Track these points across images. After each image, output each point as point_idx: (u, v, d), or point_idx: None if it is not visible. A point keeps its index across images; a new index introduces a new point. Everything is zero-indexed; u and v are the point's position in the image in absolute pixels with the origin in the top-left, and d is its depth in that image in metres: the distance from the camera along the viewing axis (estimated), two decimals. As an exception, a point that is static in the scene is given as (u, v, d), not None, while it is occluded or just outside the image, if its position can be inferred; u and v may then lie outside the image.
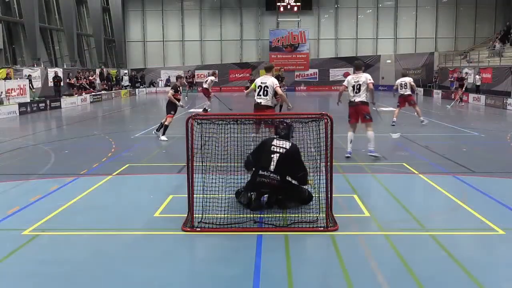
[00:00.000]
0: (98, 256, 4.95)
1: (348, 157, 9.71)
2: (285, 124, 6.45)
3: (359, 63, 10.07)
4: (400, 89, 15.09)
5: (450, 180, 8.03)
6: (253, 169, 6.33)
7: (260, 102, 9.39)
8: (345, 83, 9.85)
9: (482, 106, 24.33)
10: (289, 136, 6.41)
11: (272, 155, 6.12)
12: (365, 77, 9.53)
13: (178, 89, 12.91)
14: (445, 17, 40.05)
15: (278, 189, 6.20)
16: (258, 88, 9.42)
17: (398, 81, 15.33)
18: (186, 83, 32.68)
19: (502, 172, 8.67)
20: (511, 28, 32.61)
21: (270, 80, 9.39)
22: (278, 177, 6.06)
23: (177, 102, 12.65)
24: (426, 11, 40.25)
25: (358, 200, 6.72)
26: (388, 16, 40.37)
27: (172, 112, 12.66)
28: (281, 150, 6.15)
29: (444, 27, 40.16)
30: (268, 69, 9.67)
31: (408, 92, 15.00)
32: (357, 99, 9.51)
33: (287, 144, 6.24)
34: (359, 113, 9.62)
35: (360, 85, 9.48)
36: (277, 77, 12.00)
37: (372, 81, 9.59)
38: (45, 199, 6.94)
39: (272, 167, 6.08)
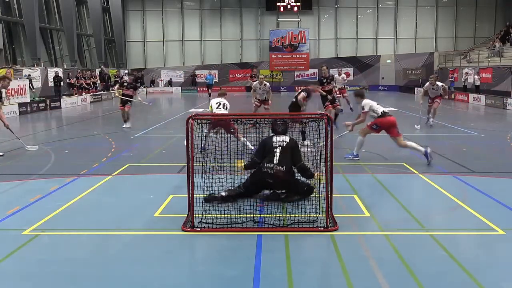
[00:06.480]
0: (98, 256, 4.95)
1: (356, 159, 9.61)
2: (281, 121, 6.86)
3: (361, 92, 9.92)
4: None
5: (450, 180, 8.02)
6: (257, 166, 6.59)
7: None
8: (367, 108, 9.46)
9: (482, 106, 24.32)
10: (286, 131, 6.82)
11: (275, 150, 6.44)
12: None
13: (124, 84, 15.43)
14: (445, 17, 40.05)
15: (282, 181, 6.36)
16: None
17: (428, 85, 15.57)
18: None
19: (502, 172, 8.67)
20: (511, 28, 32.60)
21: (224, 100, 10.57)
22: (283, 168, 6.32)
23: (120, 96, 15.13)
24: (426, 11, 40.24)
25: (358, 200, 6.72)
26: (388, 16, 40.36)
27: (129, 104, 15.14)
28: (282, 144, 6.49)
29: (444, 27, 40.16)
30: (222, 95, 10.90)
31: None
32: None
33: (286, 138, 6.60)
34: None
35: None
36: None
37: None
38: (45, 199, 6.94)
39: (276, 160, 6.36)
